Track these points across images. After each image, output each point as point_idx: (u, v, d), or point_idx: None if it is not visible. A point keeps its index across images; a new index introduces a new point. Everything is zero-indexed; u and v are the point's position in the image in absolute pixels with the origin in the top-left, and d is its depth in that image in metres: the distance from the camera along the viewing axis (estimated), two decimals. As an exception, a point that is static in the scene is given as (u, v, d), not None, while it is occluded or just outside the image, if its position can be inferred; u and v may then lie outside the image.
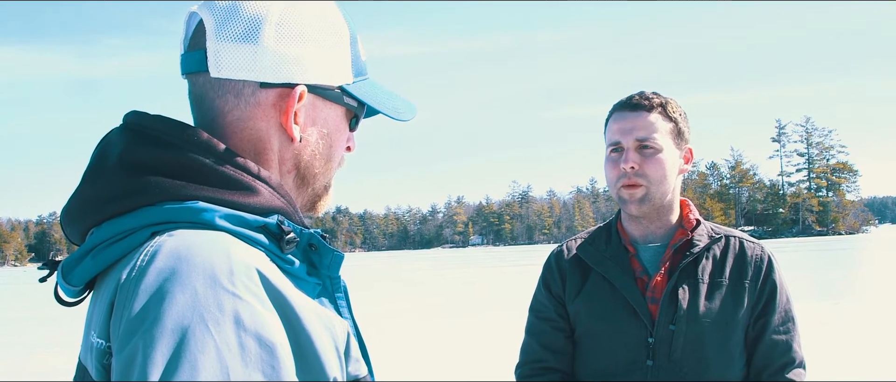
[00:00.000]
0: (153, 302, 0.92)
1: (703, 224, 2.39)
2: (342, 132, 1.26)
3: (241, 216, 1.06)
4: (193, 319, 0.91)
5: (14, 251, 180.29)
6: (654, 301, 2.27)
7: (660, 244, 2.37)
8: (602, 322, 2.32)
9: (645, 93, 2.37)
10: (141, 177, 1.06)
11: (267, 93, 1.16)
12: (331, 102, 1.22)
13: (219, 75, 1.14)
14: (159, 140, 1.10)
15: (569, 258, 2.48)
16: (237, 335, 0.92)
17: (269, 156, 1.18)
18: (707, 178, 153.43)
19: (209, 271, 0.95)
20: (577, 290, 2.40)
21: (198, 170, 1.07)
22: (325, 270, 1.17)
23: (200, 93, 1.18)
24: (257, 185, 1.10)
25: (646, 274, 2.33)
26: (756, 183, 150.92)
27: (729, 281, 2.28)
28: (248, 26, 1.13)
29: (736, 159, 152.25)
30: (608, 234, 2.46)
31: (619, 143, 2.32)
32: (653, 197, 2.31)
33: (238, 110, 1.16)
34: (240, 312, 0.93)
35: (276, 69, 1.14)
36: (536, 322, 2.49)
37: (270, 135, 1.18)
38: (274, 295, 0.99)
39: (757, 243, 2.38)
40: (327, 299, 1.17)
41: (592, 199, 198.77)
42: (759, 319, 2.28)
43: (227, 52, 1.13)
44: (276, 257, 1.08)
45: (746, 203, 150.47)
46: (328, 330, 1.07)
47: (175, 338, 0.89)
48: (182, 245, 0.98)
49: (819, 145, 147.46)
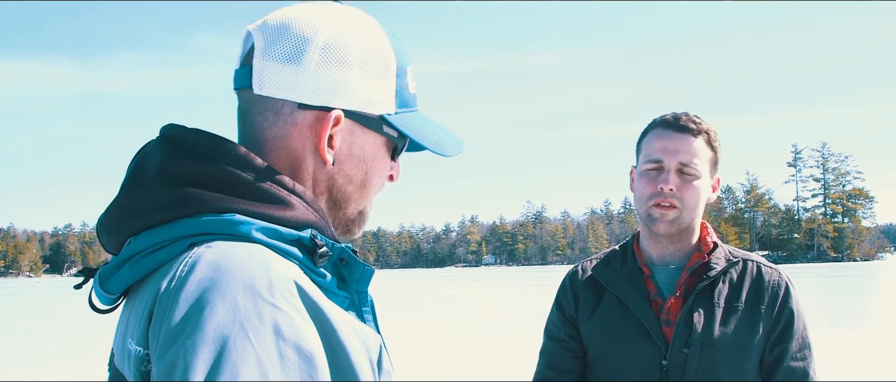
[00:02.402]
0: (194, 312, 0.94)
1: (720, 247, 2.38)
2: (381, 160, 1.27)
3: (277, 229, 1.08)
4: (234, 328, 0.92)
5: (29, 262, 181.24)
6: (668, 323, 2.26)
7: (676, 266, 2.36)
8: (615, 343, 2.31)
9: (690, 115, 2.35)
10: (179, 188, 1.08)
11: (305, 114, 1.17)
12: (370, 130, 1.23)
13: (261, 92, 1.16)
14: (197, 153, 1.11)
15: (583, 279, 2.47)
16: (277, 344, 0.94)
17: (303, 176, 1.20)
18: (722, 202, 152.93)
19: (249, 282, 0.97)
20: (591, 311, 2.39)
21: (235, 183, 1.09)
22: (354, 284, 1.18)
23: (245, 109, 1.21)
24: (292, 199, 1.12)
25: (660, 296, 2.32)
26: (771, 207, 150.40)
27: (745, 305, 2.27)
28: (293, 47, 1.15)
29: (751, 183, 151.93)
30: (624, 255, 2.45)
31: (661, 163, 2.30)
32: (683, 221, 2.30)
33: (276, 128, 1.18)
34: (279, 322, 0.95)
35: (315, 91, 1.16)
36: (547, 342, 2.49)
37: (306, 155, 1.19)
38: (311, 306, 1.01)
39: (775, 268, 2.36)
40: (354, 313, 1.17)
41: (606, 221, 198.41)
42: (776, 346, 2.26)
43: (270, 70, 1.15)
44: (308, 270, 1.09)
45: (761, 227, 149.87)
46: (362, 343, 1.08)
47: (216, 347, 0.91)
48: (221, 256, 1.00)
49: (835, 170, 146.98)
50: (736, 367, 2.21)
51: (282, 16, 1.19)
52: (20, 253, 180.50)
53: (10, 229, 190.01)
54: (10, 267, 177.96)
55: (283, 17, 1.19)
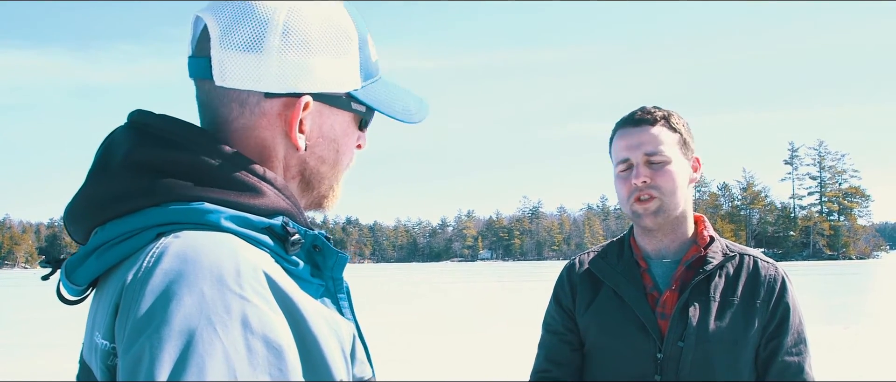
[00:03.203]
0: (160, 304, 0.92)
1: (717, 241, 2.38)
2: (350, 136, 1.26)
3: (247, 217, 1.07)
4: (201, 321, 0.91)
5: (25, 253, 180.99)
6: (664, 316, 2.27)
7: (672, 259, 2.37)
8: (611, 336, 2.32)
9: (646, 107, 2.37)
10: (146, 176, 1.06)
11: (272, 102, 1.16)
12: (338, 109, 1.22)
13: (223, 84, 1.14)
14: (165, 140, 1.10)
15: (581, 272, 2.48)
16: (245, 337, 0.93)
17: (274, 162, 1.19)
18: (718, 199, 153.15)
19: (216, 273, 0.95)
20: (588, 304, 2.40)
21: (204, 170, 1.08)
22: (328, 271, 1.17)
23: (206, 100, 1.18)
24: (263, 187, 1.11)
25: (656, 289, 2.33)
26: (767, 205, 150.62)
27: (741, 300, 2.27)
28: (252, 34, 1.12)
29: (747, 181, 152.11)
30: (621, 249, 2.46)
31: (628, 160, 2.32)
32: (667, 208, 2.30)
33: (243, 119, 1.16)
34: (247, 314, 0.94)
35: (280, 79, 1.14)
36: (546, 335, 2.50)
37: (276, 143, 1.18)
38: (281, 297, 1.00)
39: (771, 263, 2.37)
40: (330, 300, 1.17)
41: (603, 217, 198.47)
42: (772, 340, 2.26)
43: (231, 61, 1.12)
44: (280, 258, 1.08)
45: (757, 225, 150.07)
46: (334, 333, 1.07)
47: (182, 340, 0.90)
48: (188, 246, 0.99)
49: (831, 169, 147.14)
50: (731, 361, 2.22)
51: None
52: (16, 244, 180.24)
53: (5, 220, 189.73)
54: (5, 259, 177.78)
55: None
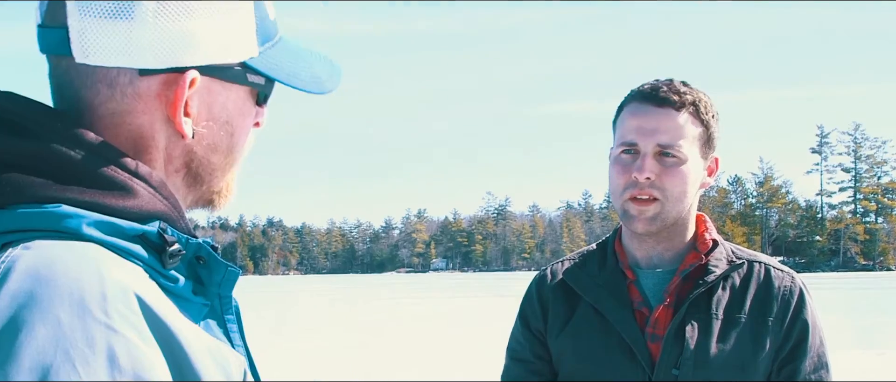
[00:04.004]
0: (6, 336, 0.90)
1: (721, 245, 2.39)
2: (247, 115, 1.25)
3: (115, 223, 1.06)
4: (57, 357, 0.90)
5: None
6: (655, 338, 2.28)
7: (666, 269, 2.38)
8: (591, 363, 2.33)
9: (674, 84, 2.32)
10: None
11: (148, 81, 1.14)
12: (231, 83, 1.21)
13: (86, 61, 1.11)
14: (12, 125, 1.08)
15: (553, 284, 2.48)
16: (110, 375, 0.92)
17: (152, 154, 1.17)
18: (728, 195, 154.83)
19: (76, 296, 0.94)
20: (562, 324, 2.41)
21: (61, 164, 1.06)
22: (214, 288, 1.18)
23: (64, 81, 1.16)
24: (134, 185, 1.09)
25: (646, 305, 2.34)
26: (789, 203, 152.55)
27: (749, 316, 2.29)
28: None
29: (765, 173, 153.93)
30: (603, 256, 2.47)
31: (635, 145, 2.28)
32: (666, 215, 2.29)
33: (112, 103, 1.14)
34: (114, 347, 0.93)
35: (158, 51, 1.12)
36: (511, 364, 2.51)
37: (155, 130, 1.17)
38: (156, 325, 0.99)
39: (787, 271, 2.38)
40: (215, 321, 1.18)
41: (585, 218, 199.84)
42: (787, 365, 2.29)
43: (95, 31, 1.10)
44: (156, 273, 1.08)
45: (776, 228, 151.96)
46: (221, 368, 1.08)
47: (34, 379, 0.88)
48: (41, 261, 0.97)
49: (869, 159, 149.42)
50: (736, 392, 2.24)
51: None
52: None
53: None
54: None
55: None
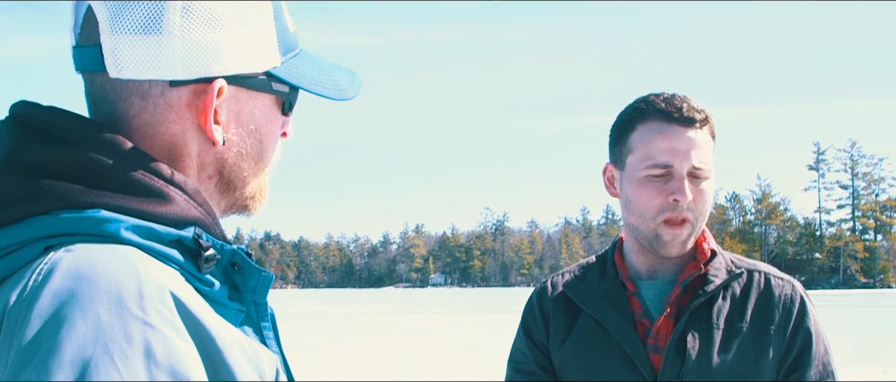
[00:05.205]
0: (49, 330, 0.94)
1: (720, 255, 2.40)
2: (274, 122, 1.30)
3: (152, 228, 1.10)
4: (96, 350, 0.93)
5: None
6: (656, 350, 2.29)
7: (666, 280, 2.39)
8: (592, 374, 2.34)
9: (689, 100, 2.30)
10: (32, 179, 1.08)
11: (179, 91, 1.19)
12: (258, 92, 1.26)
13: (119, 76, 1.16)
14: (54, 136, 1.12)
15: (553, 297, 2.49)
16: (147, 369, 0.95)
17: (186, 162, 1.22)
18: (726, 213, 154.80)
19: (115, 294, 0.98)
20: (564, 336, 2.42)
21: (100, 172, 1.10)
22: (249, 294, 1.20)
23: (100, 96, 1.21)
24: (171, 192, 1.14)
25: (647, 316, 2.35)
26: (787, 220, 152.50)
27: (751, 326, 2.30)
28: (148, 13, 1.15)
29: (763, 190, 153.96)
30: (603, 268, 2.48)
31: (671, 167, 2.26)
32: (695, 236, 2.33)
33: (146, 114, 1.19)
34: (151, 342, 0.96)
35: (186, 63, 1.17)
36: (514, 375, 2.52)
37: (187, 138, 1.21)
38: (191, 322, 1.03)
39: (787, 280, 2.39)
40: (252, 328, 1.20)
41: (584, 234, 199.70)
42: (791, 374, 2.29)
43: (126, 47, 1.15)
44: (192, 277, 1.11)
45: (774, 245, 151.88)
46: (253, 364, 1.10)
47: (74, 372, 0.91)
48: (82, 262, 1.01)
49: (867, 176, 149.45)
50: (739, 403, 2.25)
51: None
52: None
53: None
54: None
55: None
